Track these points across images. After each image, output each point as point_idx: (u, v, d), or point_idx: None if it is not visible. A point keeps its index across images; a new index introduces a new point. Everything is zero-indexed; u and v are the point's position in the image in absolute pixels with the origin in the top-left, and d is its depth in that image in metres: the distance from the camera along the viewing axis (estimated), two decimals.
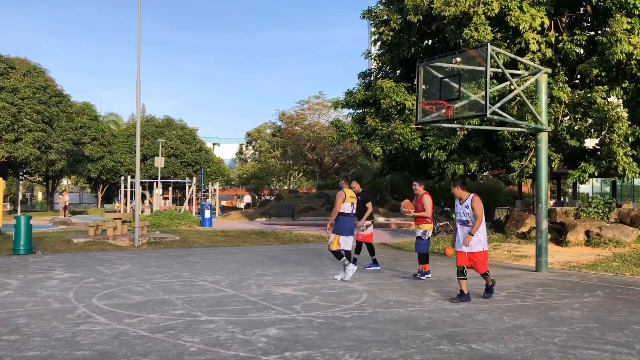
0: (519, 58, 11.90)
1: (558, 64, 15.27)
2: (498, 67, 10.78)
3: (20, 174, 41.95)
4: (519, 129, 12.95)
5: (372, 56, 21.75)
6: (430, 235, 10.27)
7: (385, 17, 18.06)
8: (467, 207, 7.77)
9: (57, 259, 13.02)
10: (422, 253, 10.04)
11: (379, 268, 11.26)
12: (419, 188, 10.15)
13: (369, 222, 11.05)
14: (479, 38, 14.34)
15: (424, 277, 9.95)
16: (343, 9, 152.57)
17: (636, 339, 5.69)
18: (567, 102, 14.48)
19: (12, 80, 34.21)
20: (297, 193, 40.74)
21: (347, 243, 9.59)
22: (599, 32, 15.62)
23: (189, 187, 37.71)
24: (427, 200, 9.99)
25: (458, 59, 11.36)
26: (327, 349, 5.25)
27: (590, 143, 18.22)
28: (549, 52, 14.88)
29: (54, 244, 15.57)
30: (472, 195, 7.83)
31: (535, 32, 14.66)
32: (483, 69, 9.87)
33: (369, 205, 10.90)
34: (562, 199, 29.31)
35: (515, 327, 6.15)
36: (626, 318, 6.67)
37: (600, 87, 14.16)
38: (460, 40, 15.08)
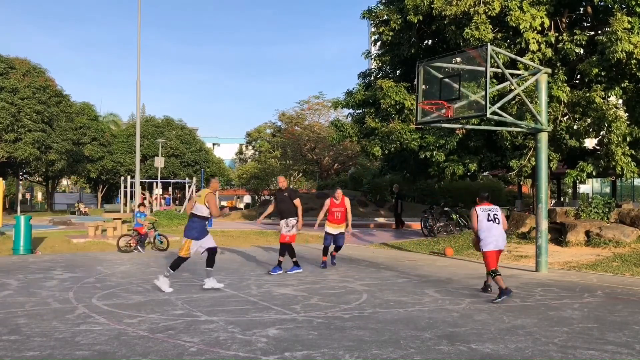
0: (519, 58, 11.90)
1: (558, 64, 15.28)
2: (498, 67, 10.78)
3: (20, 174, 41.92)
4: (518, 129, 12.95)
5: (372, 56, 21.74)
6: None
7: (385, 17, 18.06)
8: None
9: (57, 259, 13.01)
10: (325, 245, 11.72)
11: (301, 270, 10.78)
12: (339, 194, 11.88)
13: (294, 221, 10.74)
14: (479, 37, 14.34)
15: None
16: (343, 11, 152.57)
17: (636, 339, 5.69)
18: (566, 101, 14.49)
19: (12, 80, 34.17)
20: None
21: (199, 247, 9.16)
22: (599, 31, 15.63)
23: (189, 187, 37.70)
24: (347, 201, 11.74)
25: (458, 59, 11.36)
26: (327, 349, 5.24)
27: (590, 143, 18.23)
28: (549, 52, 14.88)
29: (54, 244, 15.56)
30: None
31: (535, 32, 14.66)
32: (483, 69, 9.87)
33: (297, 202, 10.78)
34: (562, 199, 29.31)
35: (515, 327, 6.15)
36: (626, 318, 6.66)
37: (599, 85, 14.16)
38: (461, 40, 15.08)
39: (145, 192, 36.91)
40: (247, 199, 64.03)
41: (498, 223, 8.21)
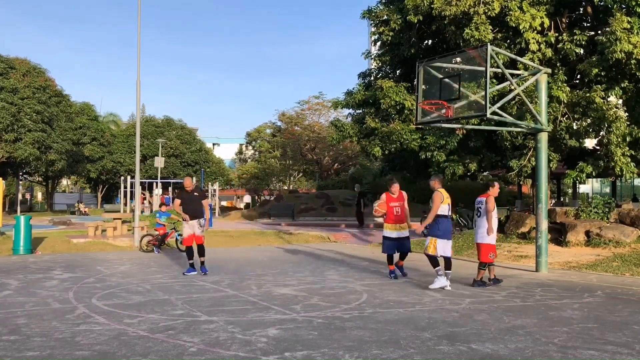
0: (518, 58, 11.90)
1: (558, 64, 15.28)
2: (498, 67, 10.78)
3: (20, 174, 41.91)
4: (518, 129, 12.96)
5: (372, 56, 21.75)
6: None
7: (385, 17, 18.08)
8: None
9: (57, 259, 13.01)
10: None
11: (195, 273, 10.45)
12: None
13: (203, 221, 10.60)
14: (479, 37, 14.35)
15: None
16: (343, 11, 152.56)
17: (636, 339, 5.69)
18: (566, 101, 14.50)
19: (12, 80, 34.17)
20: (297, 193, 40.74)
21: (447, 248, 8.83)
22: (599, 32, 15.64)
23: None
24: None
25: (458, 59, 11.36)
26: (327, 349, 5.24)
27: (590, 143, 18.24)
28: (549, 52, 14.89)
29: (54, 244, 15.56)
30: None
31: (535, 32, 14.67)
32: (483, 69, 9.87)
33: (206, 202, 10.70)
34: (562, 199, 29.32)
35: (515, 327, 6.15)
36: (626, 318, 6.66)
37: (599, 86, 14.17)
38: (461, 40, 15.09)
39: (145, 192, 36.90)
40: (247, 199, 64.14)
41: (479, 216, 9.22)
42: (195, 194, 10.63)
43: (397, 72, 19.96)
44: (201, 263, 10.59)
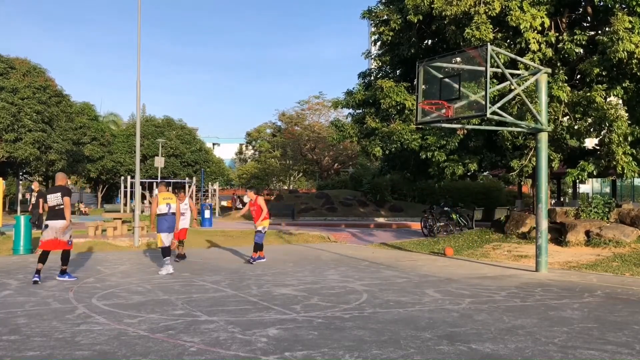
0: (519, 58, 11.90)
1: (558, 64, 15.28)
2: (498, 67, 10.77)
3: (20, 174, 41.89)
4: (518, 129, 12.95)
5: (372, 56, 21.74)
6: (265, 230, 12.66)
7: (385, 17, 18.06)
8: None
9: (57, 259, 12.97)
10: (259, 243, 12.37)
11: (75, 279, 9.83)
12: (251, 195, 12.81)
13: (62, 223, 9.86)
14: (480, 37, 14.33)
15: (255, 262, 12.20)
16: (343, 12, 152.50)
17: (636, 339, 5.69)
18: (566, 101, 14.49)
19: (12, 80, 34.15)
20: (297, 193, 40.73)
21: (166, 239, 10.86)
22: (599, 31, 15.62)
23: (189, 187, 37.69)
24: (261, 201, 12.54)
25: (458, 59, 11.35)
26: (327, 349, 5.24)
27: (590, 143, 18.23)
28: (549, 52, 14.88)
29: None
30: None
31: (536, 31, 14.66)
32: (483, 69, 9.86)
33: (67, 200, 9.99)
34: (562, 199, 29.31)
35: (515, 327, 6.15)
36: (626, 318, 6.66)
37: (600, 86, 14.17)
38: (461, 40, 15.07)
39: (146, 192, 36.91)
40: (247, 199, 64.23)
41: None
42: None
43: (397, 72, 19.93)
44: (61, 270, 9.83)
